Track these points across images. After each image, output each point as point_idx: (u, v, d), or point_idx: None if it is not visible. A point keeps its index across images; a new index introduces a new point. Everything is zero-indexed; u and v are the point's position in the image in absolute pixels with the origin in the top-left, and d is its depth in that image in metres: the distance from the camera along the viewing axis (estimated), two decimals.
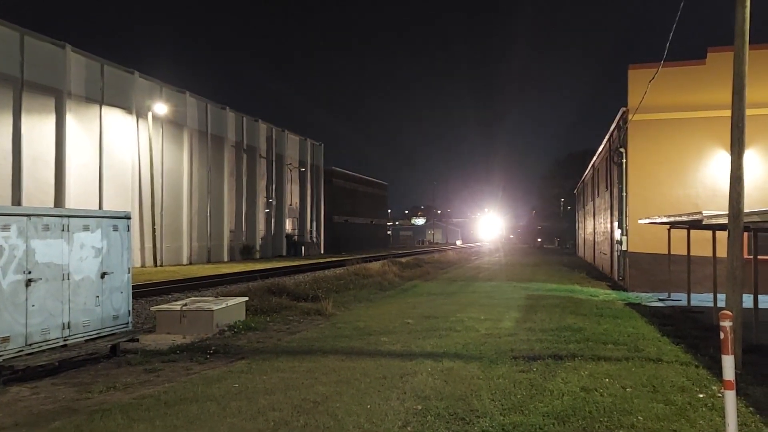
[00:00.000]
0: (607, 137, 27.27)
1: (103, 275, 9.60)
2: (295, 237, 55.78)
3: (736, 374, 4.98)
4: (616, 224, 23.73)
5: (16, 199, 26.76)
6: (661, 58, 13.61)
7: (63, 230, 8.82)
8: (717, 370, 7.06)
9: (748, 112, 8.55)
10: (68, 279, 8.87)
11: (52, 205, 28.12)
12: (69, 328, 8.87)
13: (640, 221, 18.03)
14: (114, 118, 33.38)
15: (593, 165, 36.39)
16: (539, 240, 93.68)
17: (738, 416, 5.02)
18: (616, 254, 23.70)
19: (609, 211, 26.65)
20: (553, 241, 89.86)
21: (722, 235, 10.46)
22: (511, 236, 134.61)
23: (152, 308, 12.77)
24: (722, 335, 4.79)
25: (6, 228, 7.86)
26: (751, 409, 6.21)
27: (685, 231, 15.73)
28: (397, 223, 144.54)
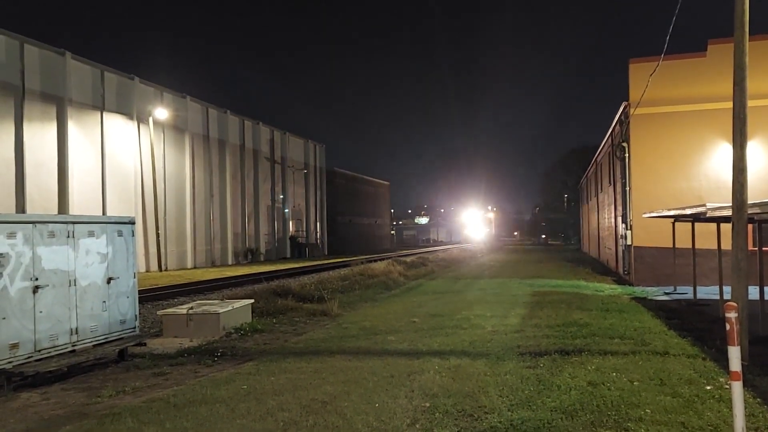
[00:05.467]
0: (609, 132, 27.25)
1: (109, 280, 9.65)
2: (299, 239, 55.83)
3: (742, 366, 4.98)
4: (620, 219, 23.70)
5: (20, 207, 26.85)
6: (662, 51, 13.60)
7: (68, 237, 8.87)
8: (724, 362, 7.04)
9: (750, 103, 8.55)
10: (75, 285, 8.92)
11: (55, 212, 28.20)
12: (77, 333, 8.92)
13: (644, 215, 17.99)
14: (115, 124, 33.45)
15: (596, 160, 36.35)
16: (543, 236, 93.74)
17: (745, 407, 5.02)
18: (620, 249, 23.67)
19: (613, 205, 26.62)
20: (558, 237, 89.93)
21: (727, 228, 10.47)
22: (515, 233, 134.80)
23: (159, 312, 12.81)
24: (728, 327, 4.80)
25: (12, 235, 7.91)
26: (758, 399, 6.22)
27: (690, 224, 15.71)
28: (400, 222, 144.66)
